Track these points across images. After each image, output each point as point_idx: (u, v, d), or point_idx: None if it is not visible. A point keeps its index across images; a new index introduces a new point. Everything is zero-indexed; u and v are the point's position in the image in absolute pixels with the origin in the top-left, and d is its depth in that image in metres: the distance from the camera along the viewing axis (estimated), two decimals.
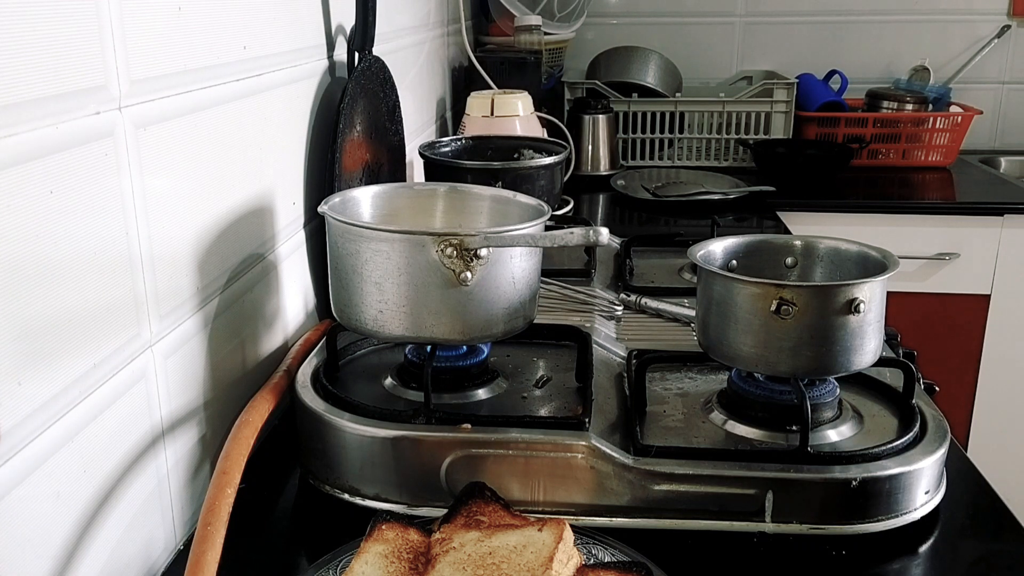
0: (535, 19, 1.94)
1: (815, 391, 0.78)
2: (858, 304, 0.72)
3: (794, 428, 0.76)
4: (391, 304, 0.75)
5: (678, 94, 2.12)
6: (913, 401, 0.79)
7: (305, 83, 0.99)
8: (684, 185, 1.85)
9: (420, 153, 1.26)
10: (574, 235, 0.74)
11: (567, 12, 2.09)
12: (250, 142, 0.84)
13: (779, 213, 1.75)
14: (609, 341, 0.96)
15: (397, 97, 1.21)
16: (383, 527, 0.63)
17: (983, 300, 1.86)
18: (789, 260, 0.87)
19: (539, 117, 1.63)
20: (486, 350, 0.85)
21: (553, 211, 1.12)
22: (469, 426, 0.74)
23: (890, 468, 0.71)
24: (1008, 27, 2.32)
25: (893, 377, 0.84)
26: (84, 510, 0.59)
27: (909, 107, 2.13)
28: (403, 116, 1.24)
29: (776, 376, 0.78)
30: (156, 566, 0.69)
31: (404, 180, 1.29)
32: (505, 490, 0.71)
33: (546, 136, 1.60)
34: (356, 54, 1.08)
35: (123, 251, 0.62)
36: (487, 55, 1.86)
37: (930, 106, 2.14)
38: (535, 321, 0.83)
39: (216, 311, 0.77)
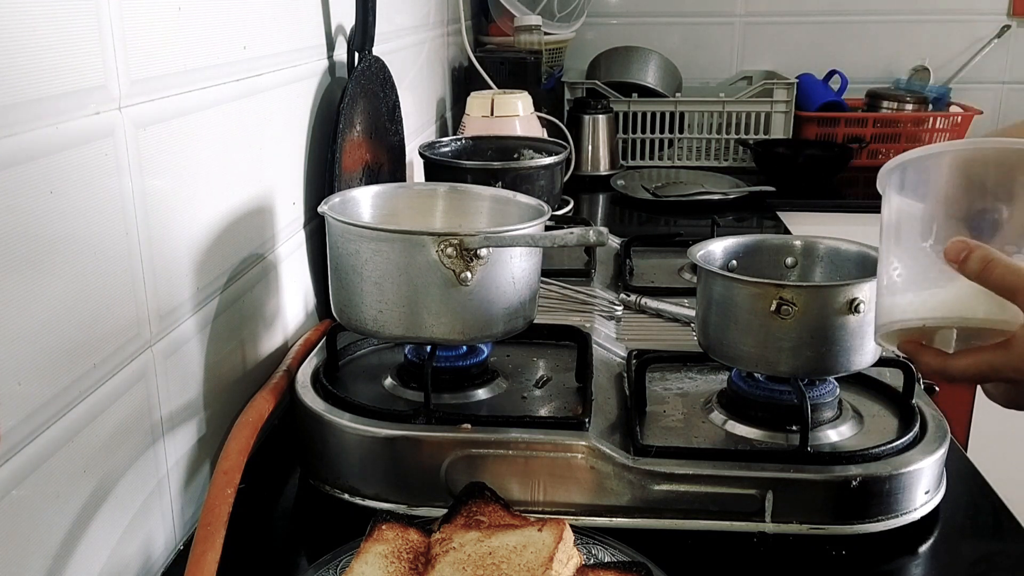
0: (535, 19, 1.94)
1: (815, 391, 0.78)
2: (858, 304, 0.72)
3: (794, 428, 0.76)
4: (391, 304, 0.75)
5: (678, 94, 2.11)
6: (913, 401, 0.79)
7: (305, 83, 0.99)
8: (684, 185, 1.85)
9: (420, 153, 1.26)
10: (574, 235, 0.74)
11: (567, 12, 2.09)
12: (250, 142, 0.84)
13: (779, 213, 1.75)
14: (609, 341, 0.96)
15: (397, 97, 1.21)
16: (383, 527, 0.63)
17: None
18: (789, 260, 0.87)
19: (539, 117, 1.63)
20: (486, 350, 0.85)
21: (553, 211, 1.12)
22: (469, 426, 0.74)
23: (890, 468, 0.71)
24: (1008, 27, 2.32)
25: (893, 377, 0.84)
26: (84, 510, 0.59)
27: (909, 107, 2.13)
28: (403, 116, 1.24)
29: (776, 376, 0.78)
30: (156, 566, 0.69)
31: (404, 180, 1.29)
32: (505, 490, 0.71)
33: (546, 136, 1.60)
34: (356, 54, 1.08)
35: (123, 251, 0.62)
36: (487, 55, 1.86)
37: (930, 106, 2.14)
38: (535, 321, 0.83)
39: (216, 311, 0.77)
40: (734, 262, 0.86)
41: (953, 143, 0.60)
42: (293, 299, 0.97)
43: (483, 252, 0.73)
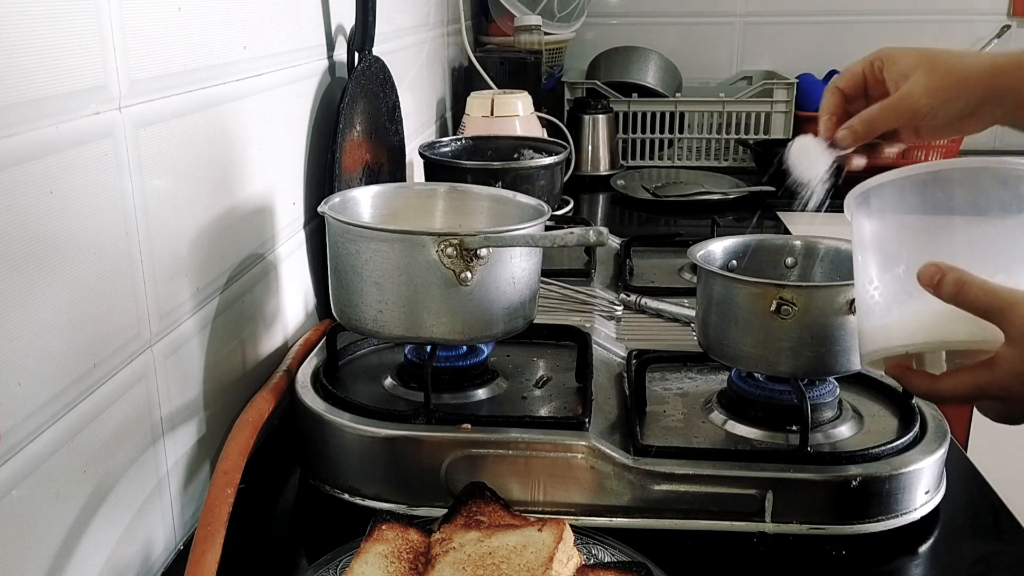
0: (535, 19, 1.94)
1: (815, 391, 0.78)
2: None
3: (794, 428, 0.76)
4: (391, 304, 0.75)
5: (678, 94, 2.11)
6: (913, 401, 0.79)
7: (305, 83, 0.99)
8: (684, 185, 1.85)
9: (420, 153, 1.26)
10: (574, 235, 0.74)
11: (567, 12, 2.09)
12: (250, 142, 0.84)
13: (779, 213, 1.75)
14: (609, 341, 0.96)
15: (397, 97, 1.21)
16: (383, 527, 0.63)
17: None
18: (789, 260, 0.87)
19: (539, 117, 1.63)
20: (486, 350, 0.85)
21: (553, 211, 1.12)
22: (469, 426, 0.74)
23: (890, 468, 0.71)
24: (1008, 27, 2.31)
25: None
26: (84, 510, 0.59)
27: None
28: (403, 116, 1.24)
29: (776, 376, 0.78)
30: (156, 566, 0.69)
31: (404, 180, 1.29)
32: (505, 490, 0.71)
33: (546, 136, 1.60)
34: (356, 54, 1.08)
35: (123, 251, 0.62)
36: (487, 55, 1.86)
37: None
38: (535, 321, 0.83)
39: (216, 311, 0.77)
40: (734, 262, 0.86)
41: (914, 167, 0.60)
42: (293, 299, 0.97)
43: (483, 252, 0.73)
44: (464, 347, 0.83)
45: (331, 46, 1.07)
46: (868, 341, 0.62)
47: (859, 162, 0.81)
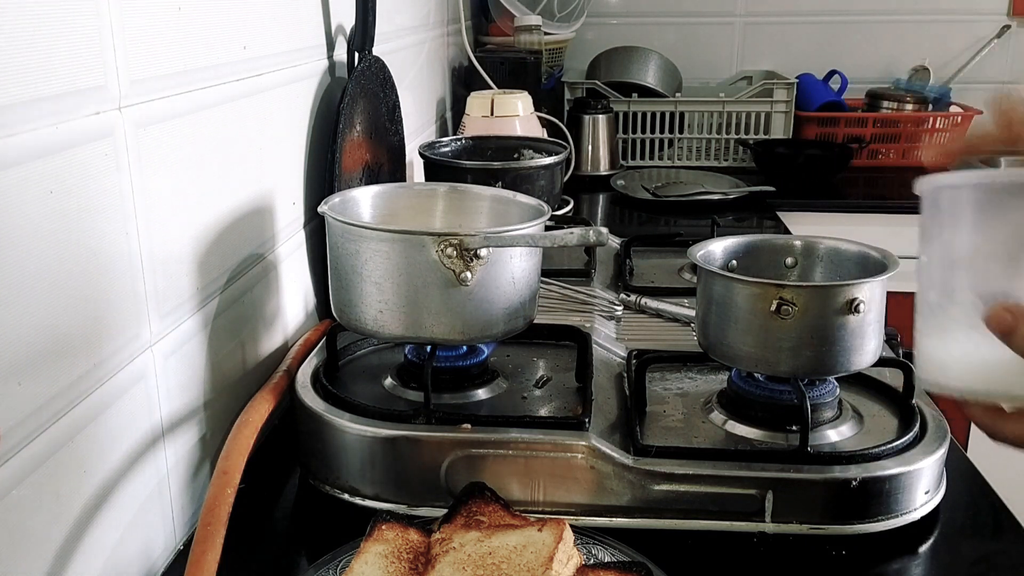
0: (535, 19, 1.94)
1: (815, 391, 0.78)
2: (858, 304, 0.72)
3: (794, 428, 0.76)
4: (391, 304, 0.75)
5: (678, 94, 2.11)
6: (913, 401, 0.79)
7: (305, 83, 0.99)
8: (684, 185, 1.85)
9: (420, 153, 1.26)
10: (574, 235, 0.74)
11: (567, 12, 2.09)
12: (250, 142, 0.84)
13: (779, 213, 1.75)
14: (609, 341, 0.96)
15: (397, 97, 1.21)
16: (383, 527, 0.63)
17: None
18: (789, 260, 0.87)
19: (539, 117, 1.63)
20: (486, 350, 0.85)
21: (553, 211, 1.12)
22: (469, 426, 0.74)
23: (890, 468, 0.71)
24: (1008, 27, 2.32)
25: (893, 377, 0.84)
26: (84, 510, 0.59)
27: (909, 107, 2.13)
28: (403, 116, 1.24)
29: (776, 376, 0.78)
30: (156, 566, 0.69)
31: (404, 180, 1.29)
32: (505, 490, 0.71)
33: (546, 136, 1.60)
34: (356, 54, 1.08)
35: (123, 251, 0.62)
36: (487, 55, 1.86)
37: (930, 106, 2.14)
38: (535, 321, 0.83)
39: (216, 311, 0.77)
40: (734, 262, 0.86)
41: (992, 173, 0.50)
42: (293, 299, 0.97)
43: (483, 252, 0.73)
44: (464, 347, 0.83)
45: (331, 46, 1.07)
46: (925, 368, 0.55)
47: None
